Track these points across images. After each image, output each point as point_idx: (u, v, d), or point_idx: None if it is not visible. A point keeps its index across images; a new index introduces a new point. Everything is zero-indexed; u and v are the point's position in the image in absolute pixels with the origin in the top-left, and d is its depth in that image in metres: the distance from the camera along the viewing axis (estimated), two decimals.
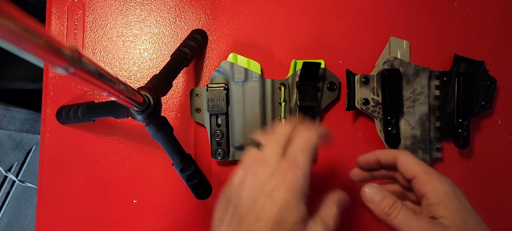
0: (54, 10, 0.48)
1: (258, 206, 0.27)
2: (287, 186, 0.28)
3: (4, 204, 0.89)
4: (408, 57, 0.47)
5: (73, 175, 0.47)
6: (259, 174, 0.29)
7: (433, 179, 0.32)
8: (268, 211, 0.27)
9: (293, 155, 0.30)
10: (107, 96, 0.26)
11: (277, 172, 0.28)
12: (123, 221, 0.46)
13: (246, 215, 0.28)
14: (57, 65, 0.19)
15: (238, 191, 0.29)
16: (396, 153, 0.36)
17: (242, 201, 0.28)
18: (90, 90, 0.48)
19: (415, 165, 0.34)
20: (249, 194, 0.28)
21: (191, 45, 0.43)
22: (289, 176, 0.28)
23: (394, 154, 0.36)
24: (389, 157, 0.36)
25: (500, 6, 0.48)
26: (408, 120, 0.44)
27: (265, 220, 0.27)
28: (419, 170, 0.33)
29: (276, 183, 0.28)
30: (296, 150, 0.30)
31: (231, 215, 0.29)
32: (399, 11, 0.48)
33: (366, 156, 0.39)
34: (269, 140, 0.31)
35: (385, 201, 0.32)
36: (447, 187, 0.31)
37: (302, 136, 0.31)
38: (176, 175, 0.42)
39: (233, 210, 0.29)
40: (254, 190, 0.28)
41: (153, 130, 0.35)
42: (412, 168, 0.34)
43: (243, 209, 0.28)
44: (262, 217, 0.27)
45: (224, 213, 0.29)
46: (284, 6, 0.48)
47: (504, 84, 0.47)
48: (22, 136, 0.91)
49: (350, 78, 0.45)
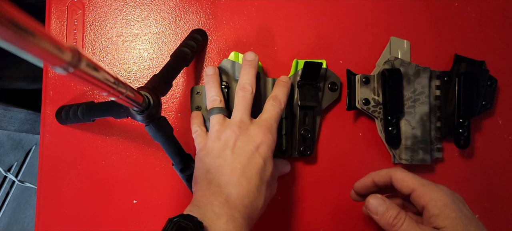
0: (53, 10, 0.48)
1: (251, 161, 0.35)
2: (268, 145, 0.37)
3: (3, 204, 0.89)
4: (409, 57, 0.47)
5: (73, 175, 0.47)
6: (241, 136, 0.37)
7: (431, 190, 0.33)
8: (256, 164, 0.35)
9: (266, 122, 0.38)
10: (106, 96, 0.25)
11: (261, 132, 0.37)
12: (123, 221, 0.46)
13: (246, 167, 0.35)
14: (57, 65, 0.19)
15: (225, 149, 0.37)
16: (390, 171, 0.36)
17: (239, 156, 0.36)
18: (89, 90, 0.47)
19: (411, 179, 0.34)
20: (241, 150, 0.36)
21: (191, 45, 0.43)
22: (269, 137, 0.37)
23: (388, 173, 0.37)
24: (384, 177, 0.37)
25: (501, 5, 0.48)
26: (409, 120, 0.44)
27: (255, 170, 0.35)
28: (415, 183, 0.34)
29: (260, 140, 0.36)
30: (268, 118, 0.39)
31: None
32: (400, 11, 0.48)
33: (362, 181, 0.40)
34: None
35: (389, 212, 0.33)
36: (446, 197, 0.32)
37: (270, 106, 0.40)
38: (176, 175, 0.42)
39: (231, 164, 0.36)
40: (242, 148, 0.36)
41: (153, 130, 0.35)
42: (408, 183, 0.34)
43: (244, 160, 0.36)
44: (253, 168, 0.35)
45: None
46: (285, 6, 0.48)
47: (505, 84, 0.47)
48: (22, 136, 0.91)
49: (351, 78, 0.45)
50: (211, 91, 0.41)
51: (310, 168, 0.47)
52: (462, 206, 0.33)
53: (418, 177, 0.35)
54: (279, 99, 0.40)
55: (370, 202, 0.35)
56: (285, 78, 0.43)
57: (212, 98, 0.40)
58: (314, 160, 0.47)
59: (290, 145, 0.45)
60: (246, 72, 0.40)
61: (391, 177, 0.36)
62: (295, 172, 0.47)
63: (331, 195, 0.46)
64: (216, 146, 0.36)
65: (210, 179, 0.34)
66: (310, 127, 0.44)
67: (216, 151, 0.36)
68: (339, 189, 0.46)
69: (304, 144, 0.44)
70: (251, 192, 0.33)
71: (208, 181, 0.34)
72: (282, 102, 0.40)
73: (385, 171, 0.37)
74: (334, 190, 0.46)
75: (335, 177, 0.47)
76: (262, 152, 0.36)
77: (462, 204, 0.33)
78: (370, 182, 0.39)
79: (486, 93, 0.45)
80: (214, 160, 0.36)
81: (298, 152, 0.45)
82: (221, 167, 0.35)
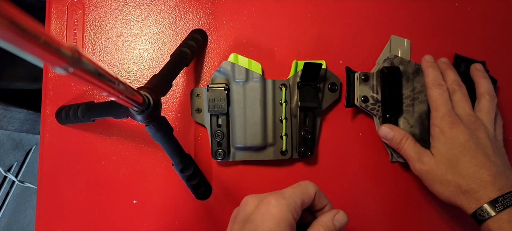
0: (53, 10, 0.48)
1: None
2: (271, 215, 0.28)
3: (3, 204, 0.89)
4: (409, 56, 0.47)
5: (73, 175, 0.47)
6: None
7: (435, 116, 0.41)
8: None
9: (286, 191, 0.30)
10: (107, 97, 0.25)
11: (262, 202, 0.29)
12: (123, 221, 0.46)
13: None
14: (57, 65, 0.19)
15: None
16: (430, 82, 0.43)
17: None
18: (89, 90, 0.47)
19: (432, 101, 0.42)
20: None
21: (191, 45, 0.43)
22: (272, 204, 0.28)
23: (428, 82, 0.43)
24: (425, 83, 0.44)
25: (501, 5, 0.48)
26: (407, 119, 0.44)
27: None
28: (432, 107, 0.42)
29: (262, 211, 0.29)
30: (290, 188, 0.31)
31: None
32: (400, 10, 0.48)
33: (424, 63, 0.44)
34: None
35: (396, 137, 0.42)
36: (445, 125, 0.39)
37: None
38: (176, 175, 0.42)
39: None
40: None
41: (153, 130, 0.35)
42: (430, 103, 0.42)
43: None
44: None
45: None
46: (285, 6, 0.48)
47: (505, 85, 0.47)
48: (22, 136, 0.91)
49: (350, 75, 0.45)
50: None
51: (311, 169, 0.47)
52: (463, 131, 0.38)
53: (444, 98, 0.41)
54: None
55: (382, 129, 0.43)
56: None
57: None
58: (314, 161, 0.47)
59: (290, 146, 0.45)
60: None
61: (427, 88, 0.43)
62: (296, 173, 0.47)
63: (332, 196, 0.46)
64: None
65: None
66: (311, 128, 0.44)
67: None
68: (340, 189, 0.46)
69: (304, 145, 0.44)
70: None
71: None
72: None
73: (430, 78, 0.42)
74: (335, 190, 0.46)
75: (336, 178, 0.46)
76: None
77: (466, 128, 0.39)
78: None
79: None
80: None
81: (298, 153, 0.45)
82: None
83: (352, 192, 0.47)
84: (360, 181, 0.46)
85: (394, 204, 0.46)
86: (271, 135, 0.44)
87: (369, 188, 0.46)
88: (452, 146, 0.38)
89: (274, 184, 0.46)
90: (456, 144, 0.38)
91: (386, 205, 0.46)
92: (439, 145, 0.39)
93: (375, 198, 0.46)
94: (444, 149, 0.39)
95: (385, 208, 0.46)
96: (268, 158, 0.45)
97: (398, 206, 0.46)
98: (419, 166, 0.40)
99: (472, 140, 0.38)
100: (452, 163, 0.38)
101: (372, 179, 0.46)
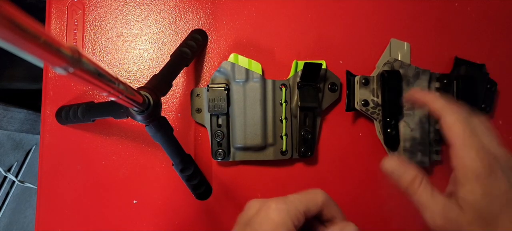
0: (54, 10, 0.48)
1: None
2: (270, 220, 0.27)
3: (3, 204, 0.89)
4: (409, 59, 0.47)
5: (73, 175, 0.47)
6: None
7: (467, 155, 0.29)
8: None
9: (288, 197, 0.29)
10: (107, 97, 0.25)
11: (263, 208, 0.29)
12: (123, 221, 0.46)
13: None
14: (57, 66, 0.19)
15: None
16: (443, 109, 0.32)
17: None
18: (90, 90, 0.47)
19: (456, 133, 0.30)
20: None
21: (191, 45, 0.43)
22: (272, 208, 0.28)
23: (440, 109, 0.32)
24: (435, 110, 0.33)
25: (501, 8, 0.48)
26: (408, 122, 0.44)
27: None
28: (458, 141, 0.30)
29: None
30: (295, 194, 0.30)
31: None
32: (400, 13, 0.48)
33: (418, 93, 0.36)
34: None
35: (406, 177, 0.32)
36: (481, 170, 0.28)
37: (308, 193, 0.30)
38: (176, 175, 0.42)
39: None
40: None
41: (153, 130, 0.35)
42: (452, 135, 0.30)
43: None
44: None
45: None
46: (285, 7, 0.48)
47: (506, 87, 0.47)
48: (22, 136, 0.91)
49: (350, 79, 0.45)
50: None
51: (311, 169, 0.47)
52: (502, 178, 0.28)
53: (468, 130, 0.30)
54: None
55: (388, 163, 0.33)
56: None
57: None
58: (315, 161, 0.47)
59: (290, 146, 0.45)
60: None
61: (441, 117, 0.32)
62: (296, 173, 0.47)
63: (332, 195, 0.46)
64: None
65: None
66: (311, 128, 0.44)
67: None
68: (340, 189, 0.46)
69: (305, 145, 0.44)
70: None
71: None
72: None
73: (440, 104, 0.32)
74: (335, 191, 0.46)
75: (336, 178, 0.46)
76: None
77: (504, 173, 0.29)
78: (421, 101, 0.35)
79: (485, 96, 0.45)
80: None
81: (299, 153, 0.45)
82: None
83: (352, 192, 0.47)
84: (360, 180, 0.47)
85: (394, 204, 0.46)
86: (271, 135, 0.44)
87: (369, 188, 0.46)
88: (491, 199, 0.28)
89: (274, 184, 0.46)
90: (495, 196, 0.28)
91: (386, 205, 0.46)
92: (473, 197, 0.28)
93: (375, 198, 0.46)
94: (481, 203, 0.28)
95: (385, 208, 0.46)
96: (268, 158, 0.45)
97: (398, 206, 0.46)
98: (441, 221, 0.30)
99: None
100: (488, 221, 0.28)
101: (372, 179, 0.46)
